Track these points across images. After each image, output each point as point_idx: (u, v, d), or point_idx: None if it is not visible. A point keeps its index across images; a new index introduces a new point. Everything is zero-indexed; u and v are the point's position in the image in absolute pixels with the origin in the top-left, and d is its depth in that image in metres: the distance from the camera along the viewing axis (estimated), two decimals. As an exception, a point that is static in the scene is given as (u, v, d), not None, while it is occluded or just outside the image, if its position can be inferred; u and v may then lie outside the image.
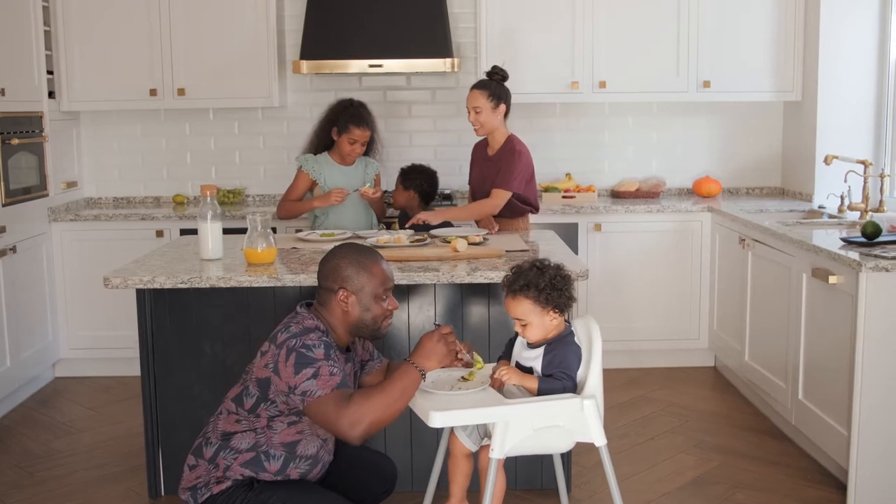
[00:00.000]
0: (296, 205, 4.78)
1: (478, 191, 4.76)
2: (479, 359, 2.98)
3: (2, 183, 4.91)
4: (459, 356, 2.88)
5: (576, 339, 2.93)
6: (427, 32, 5.58)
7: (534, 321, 2.91)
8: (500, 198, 4.52)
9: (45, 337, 5.43)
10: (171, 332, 3.80)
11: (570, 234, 5.52)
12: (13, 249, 4.98)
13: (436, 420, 2.64)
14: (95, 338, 5.58)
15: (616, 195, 5.95)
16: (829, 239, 4.17)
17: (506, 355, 3.07)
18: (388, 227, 5.21)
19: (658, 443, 4.49)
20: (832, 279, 3.81)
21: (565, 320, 2.98)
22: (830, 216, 5.06)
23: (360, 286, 2.88)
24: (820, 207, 5.31)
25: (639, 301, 5.59)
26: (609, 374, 5.50)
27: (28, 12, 5.28)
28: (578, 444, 4.34)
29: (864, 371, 3.63)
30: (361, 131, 4.61)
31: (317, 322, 2.87)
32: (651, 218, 5.54)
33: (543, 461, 3.88)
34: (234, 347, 3.79)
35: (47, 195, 5.48)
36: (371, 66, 5.56)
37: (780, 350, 4.44)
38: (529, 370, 2.92)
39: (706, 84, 5.66)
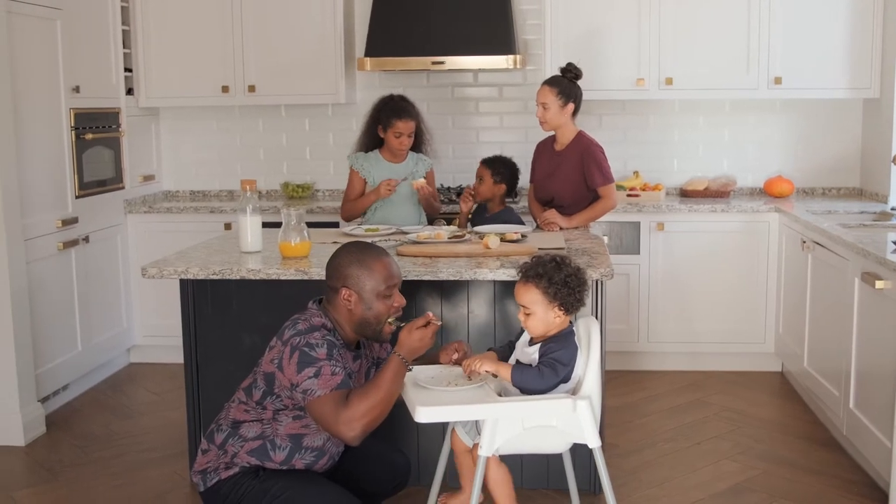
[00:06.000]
0: (354, 204, 4.82)
1: (542, 186, 4.76)
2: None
3: (76, 176, 5.15)
4: (455, 357, 2.90)
5: (576, 338, 2.90)
6: (490, 29, 5.58)
7: (538, 312, 2.91)
8: (612, 193, 4.60)
9: (119, 324, 5.67)
10: (212, 322, 3.92)
11: (632, 233, 5.45)
12: (86, 239, 5.22)
13: (421, 415, 2.66)
14: (167, 326, 5.74)
15: (685, 194, 5.83)
16: (885, 243, 3.99)
17: (500, 353, 3.06)
18: (449, 222, 5.21)
19: (703, 448, 4.39)
20: (879, 284, 3.66)
21: (569, 321, 2.95)
22: (901, 218, 4.85)
23: (362, 284, 2.91)
24: (893, 209, 5.08)
25: (702, 302, 5.46)
26: (669, 377, 5.46)
27: (107, 13, 5.52)
28: (621, 447, 4.37)
29: (907, 381, 3.47)
30: (404, 123, 4.62)
31: (324, 319, 2.92)
32: (716, 218, 5.40)
33: (575, 461, 3.82)
34: (270, 338, 3.87)
35: (123, 188, 5.72)
36: (433, 63, 5.60)
37: (835, 357, 4.28)
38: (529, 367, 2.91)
39: (777, 81, 5.48)
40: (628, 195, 5.61)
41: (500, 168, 4.87)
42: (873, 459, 3.83)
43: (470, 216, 4.94)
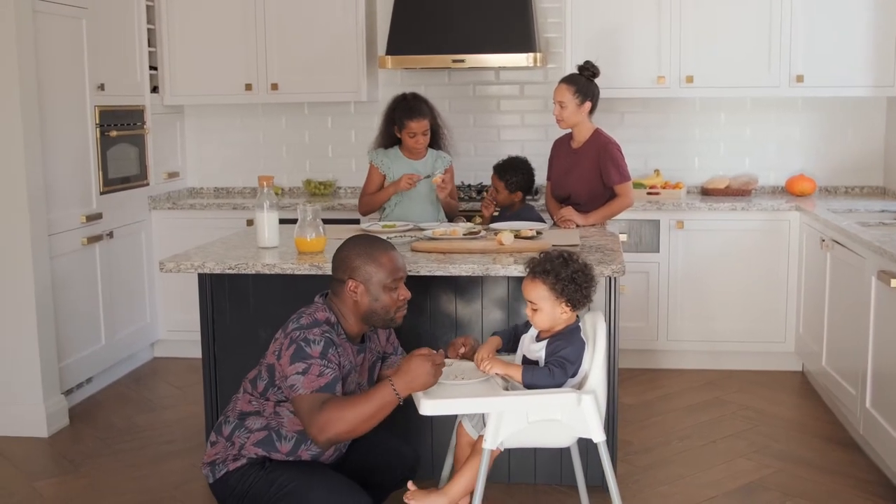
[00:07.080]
0: (372, 197, 4.87)
1: (559, 184, 4.77)
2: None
3: (100, 172, 5.23)
4: (462, 352, 2.92)
5: (582, 334, 2.92)
6: (510, 27, 5.60)
7: (545, 308, 2.93)
8: (629, 191, 4.61)
9: (143, 318, 5.75)
10: (229, 316, 3.97)
11: (651, 231, 5.44)
12: (110, 235, 5.30)
13: (426, 408, 2.68)
14: (191, 320, 5.74)
15: (706, 192, 5.81)
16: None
17: (504, 336, 3.10)
18: (469, 219, 5.22)
19: (719, 446, 4.38)
20: (894, 283, 3.64)
21: (576, 316, 2.97)
22: (922, 218, 4.81)
23: (369, 276, 2.94)
24: (915, 208, 5.05)
25: (722, 301, 5.44)
26: (688, 375, 5.45)
27: (132, 12, 5.60)
28: (635, 444, 4.37)
29: (922, 380, 3.45)
30: (416, 123, 4.65)
31: (328, 314, 2.95)
32: (736, 216, 5.38)
33: (590, 458, 3.82)
34: (286, 333, 3.92)
35: (148, 184, 5.79)
36: (454, 61, 5.63)
37: (852, 356, 4.26)
38: (536, 363, 2.92)
39: (799, 79, 5.45)
40: (648, 193, 5.61)
41: (512, 177, 4.83)
42: (889, 459, 3.81)
43: (496, 213, 4.96)
